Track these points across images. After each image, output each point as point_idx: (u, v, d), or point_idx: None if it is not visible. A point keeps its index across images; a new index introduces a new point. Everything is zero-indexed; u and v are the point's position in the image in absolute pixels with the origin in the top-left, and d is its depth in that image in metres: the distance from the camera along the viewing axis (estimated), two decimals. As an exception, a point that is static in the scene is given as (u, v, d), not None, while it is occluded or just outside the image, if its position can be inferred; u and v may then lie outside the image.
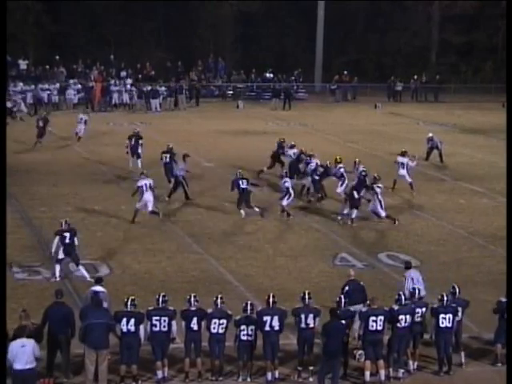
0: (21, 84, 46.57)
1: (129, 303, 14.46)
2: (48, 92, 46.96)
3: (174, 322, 14.58)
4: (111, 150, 33.28)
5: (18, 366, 13.30)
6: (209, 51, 56.10)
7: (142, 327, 14.43)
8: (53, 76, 49.60)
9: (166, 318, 14.47)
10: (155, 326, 14.45)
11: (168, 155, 27.55)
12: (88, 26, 53.27)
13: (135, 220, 23.63)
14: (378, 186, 24.14)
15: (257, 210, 24.60)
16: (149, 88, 48.04)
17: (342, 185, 26.04)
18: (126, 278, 19.36)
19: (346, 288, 16.08)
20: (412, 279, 16.66)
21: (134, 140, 30.54)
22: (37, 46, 52.87)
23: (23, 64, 50.58)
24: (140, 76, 51.43)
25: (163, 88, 48.87)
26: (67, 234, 19.12)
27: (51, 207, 25.23)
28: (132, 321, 14.30)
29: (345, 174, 26.19)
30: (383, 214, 24.08)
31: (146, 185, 23.56)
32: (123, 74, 51.07)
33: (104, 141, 36.46)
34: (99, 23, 54.00)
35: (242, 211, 24.59)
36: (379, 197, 24.04)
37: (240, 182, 24.76)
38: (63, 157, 33.08)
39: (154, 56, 54.50)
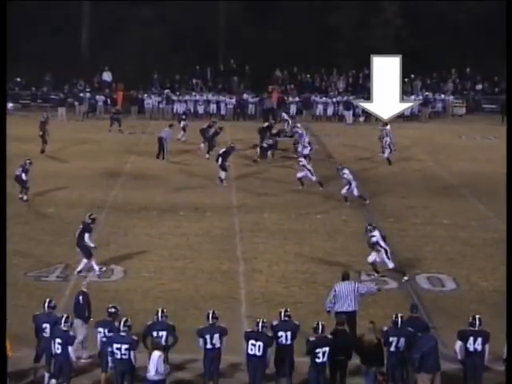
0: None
1: (476, 322, 14.39)
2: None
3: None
4: (467, 165, 32.74)
5: None
6: None
7: (486, 347, 14.24)
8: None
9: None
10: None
11: None
12: (447, 39, 52.88)
13: None
14: None
15: None
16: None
17: None
18: (473, 294, 19.06)
19: None
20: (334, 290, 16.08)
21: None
22: (396, 61, 53.45)
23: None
24: (495, 89, 50.25)
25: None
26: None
27: (399, 218, 25.40)
28: (479, 340, 14.22)
29: None
30: None
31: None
32: (478, 87, 50.30)
33: (458, 155, 35.79)
34: (460, 36, 53.41)
35: None
36: None
37: None
38: (411, 169, 33.01)
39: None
